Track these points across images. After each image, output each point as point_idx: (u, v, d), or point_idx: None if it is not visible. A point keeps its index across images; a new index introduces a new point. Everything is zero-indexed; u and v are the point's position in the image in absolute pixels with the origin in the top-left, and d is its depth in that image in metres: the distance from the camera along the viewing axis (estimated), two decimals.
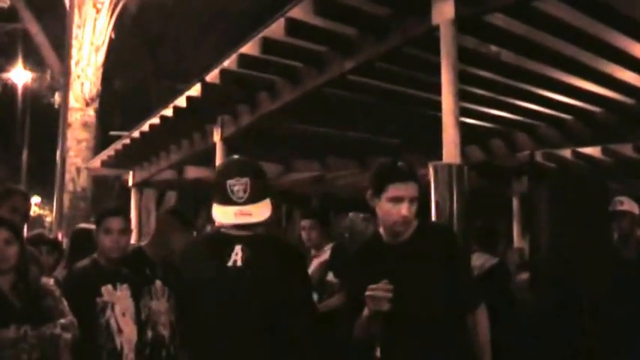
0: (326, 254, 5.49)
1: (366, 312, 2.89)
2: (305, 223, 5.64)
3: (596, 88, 6.68)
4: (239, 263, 2.82)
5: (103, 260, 4.15)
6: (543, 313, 5.04)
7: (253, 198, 2.85)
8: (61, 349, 3.71)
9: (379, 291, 2.82)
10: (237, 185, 2.85)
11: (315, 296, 5.24)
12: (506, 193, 10.48)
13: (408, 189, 3.03)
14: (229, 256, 2.83)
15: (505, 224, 10.81)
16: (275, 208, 2.98)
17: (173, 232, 4.40)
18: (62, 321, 3.61)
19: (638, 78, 6.36)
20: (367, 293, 2.83)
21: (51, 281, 3.89)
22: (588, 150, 9.02)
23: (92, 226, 4.42)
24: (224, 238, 2.88)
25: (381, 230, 3.14)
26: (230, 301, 2.83)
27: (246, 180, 2.86)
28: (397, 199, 3.01)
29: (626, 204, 4.92)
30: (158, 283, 4.16)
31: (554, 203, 4.95)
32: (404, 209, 3.00)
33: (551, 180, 8.11)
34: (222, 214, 2.87)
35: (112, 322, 4.00)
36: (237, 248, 2.84)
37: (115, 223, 4.15)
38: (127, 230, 4.25)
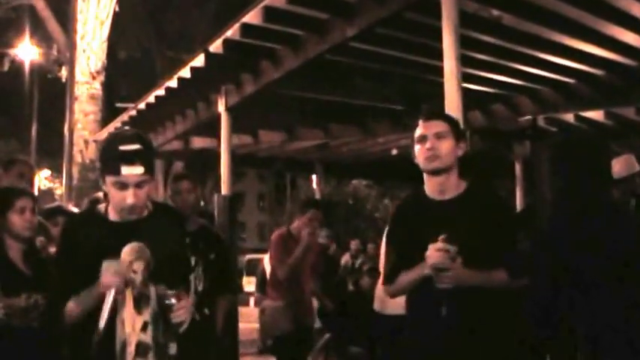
0: None
1: (421, 270, 2.83)
2: None
3: (598, 51, 6.60)
4: None
5: None
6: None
7: None
8: None
9: (442, 249, 2.75)
10: None
11: None
12: (509, 157, 10.44)
13: (429, 126, 2.99)
14: None
15: (508, 188, 10.78)
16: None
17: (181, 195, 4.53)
18: None
19: None
20: (430, 252, 2.76)
21: None
22: (591, 113, 8.95)
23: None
24: None
25: (425, 187, 3.07)
26: None
27: None
28: (421, 138, 2.99)
29: None
30: None
31: (556, 165, 4.88)
32: (428, 144, 2.95)
33: (553, 142, 8.02)
34: None
35: None
36: None
37: None
38: None
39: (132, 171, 2.61)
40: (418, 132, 3.02)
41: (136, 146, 2.64)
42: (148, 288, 2.64)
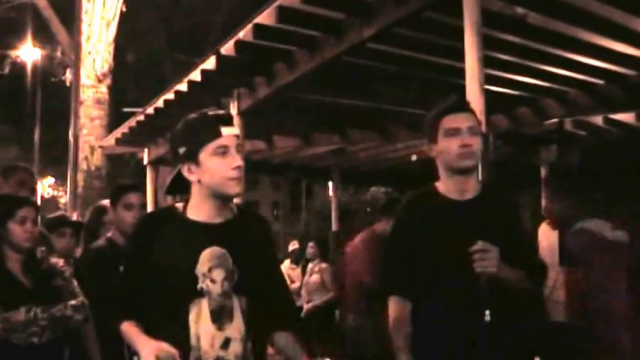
0: None
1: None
2: None
3: (629, 50, 6.58)
4: None
5: (118, 239, 4.18)
6: None
7: None
8: (86, 333, 3.77)
9: (487, 252, 2.70)
10: None
11: None
12: (534, 162, 10.41)
13: (462, 119, 2.92)
14: None
15: (532, 195, 10.75)
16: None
17: None
18: (73, 302, 3.66)
19: None
20: (477, 256, 2.70)
21: (60, 262, 3.93)
22: (621, 116, 8.91)
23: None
24: None
25: (439, 185, 3.02)
26: None
27: None
28: (454, 131, 2.90)
29: None
30: None
31: (585, 172, 4.89)
32: (464, 139, 2.86)
33: (582, 146, 8.01)
34: None
35: None
36: None
37: (136, 198, 4.19)
38: (145, 206, 4.30)
39: (232, 131, 2.55)
40: (448, 124, 2.93)
41: (223, 110, 2.64)
42: (231, 301, 2.53)
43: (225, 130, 2.51)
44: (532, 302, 3.02)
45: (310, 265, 8.57)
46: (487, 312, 2.73)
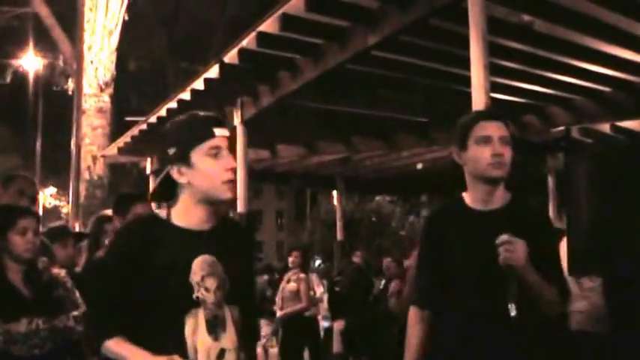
0: None
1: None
2: None
3: (635, 57, 6.59)
4: None
5: None
6: None
7: None
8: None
9: (514, 244, 2.69)
10: None
11: None
12: (541, 170, 10.41)
13: (495, 127, 2.88)
14: None
15: (539, 203, 10.74)
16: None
17: None
18: (75, 313, 3.65)
19: None
20: (502, 247, 2.69)
21: (62, 272, 3.92)
22: (629, 123, 8.91)
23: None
24: None
25: (466, 196, 2.99)
26: None
27: None
28: (485, 139, 2.87)
29: None
30: None
31: (593, 179, 4.87)
32: (495, 148, 2.84)
33: (590, 154, 7.99)
34: None
35: None
36: None
37: (145, 209, 4.18)
38: None
39: (223, 132, 2.46)
40: (480, 132, 2.89)
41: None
42: (223, 310, 2.45)
43: (217, 131, 2.43)
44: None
45: (289, 274, 8.61)
46: (512, 306, 2.71)
